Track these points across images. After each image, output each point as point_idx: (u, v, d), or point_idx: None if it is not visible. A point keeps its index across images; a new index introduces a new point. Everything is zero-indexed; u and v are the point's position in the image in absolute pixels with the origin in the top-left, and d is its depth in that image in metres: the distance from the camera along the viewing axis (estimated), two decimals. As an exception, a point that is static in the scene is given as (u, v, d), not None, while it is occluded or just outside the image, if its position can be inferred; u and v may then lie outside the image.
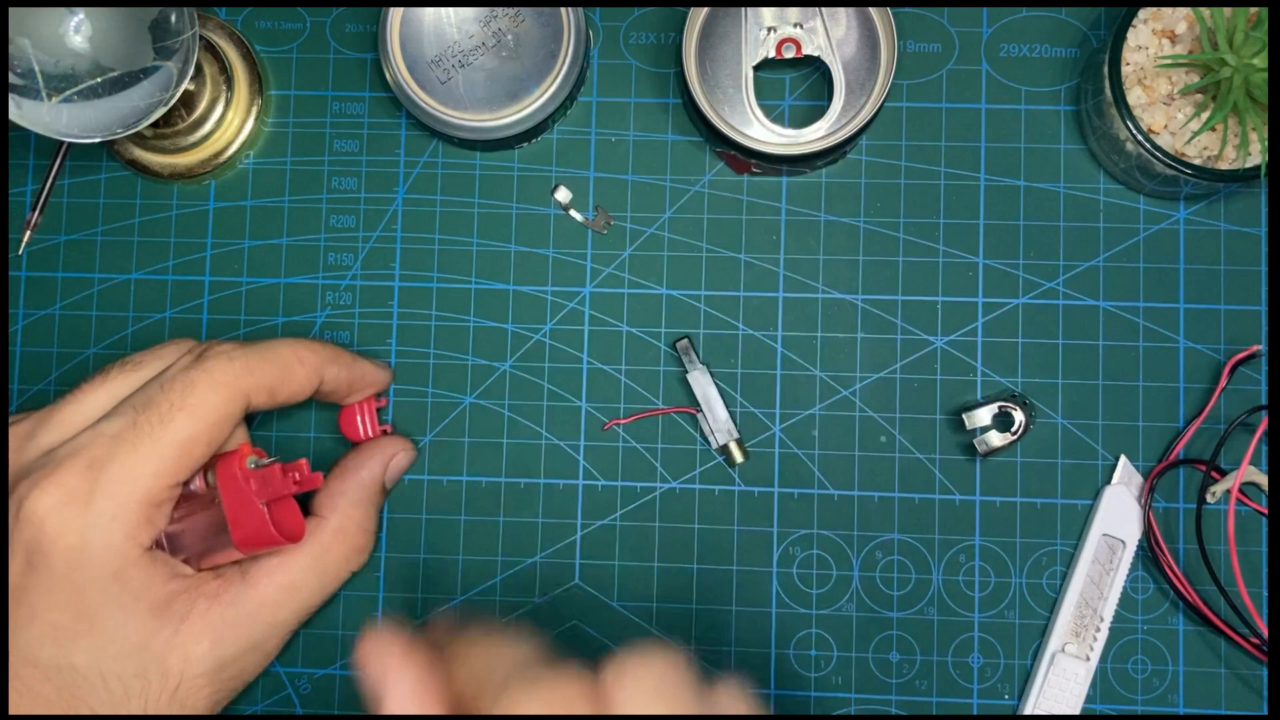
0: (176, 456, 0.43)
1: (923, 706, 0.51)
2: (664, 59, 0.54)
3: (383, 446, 0.51)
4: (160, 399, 0.43)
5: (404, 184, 0.54)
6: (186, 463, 0.43)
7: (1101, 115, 0.49)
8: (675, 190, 0.53)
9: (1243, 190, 0.52)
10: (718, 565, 0.52)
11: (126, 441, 0.42)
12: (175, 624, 0.43)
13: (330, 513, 0.48)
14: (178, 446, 0.43)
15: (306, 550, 0.47)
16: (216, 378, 0.44)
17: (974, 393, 0.52)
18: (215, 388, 0.44)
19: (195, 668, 0.44)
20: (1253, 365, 0.51)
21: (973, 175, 0.52)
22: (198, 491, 0.46)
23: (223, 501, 0.44)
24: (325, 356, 0.48)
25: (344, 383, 0.49)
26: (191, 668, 0.44)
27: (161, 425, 0.43)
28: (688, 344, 0.52)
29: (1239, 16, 0.46)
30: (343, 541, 0.48)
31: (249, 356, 0.45)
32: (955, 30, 0.53)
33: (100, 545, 0.42)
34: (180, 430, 0.43)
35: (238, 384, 0.44)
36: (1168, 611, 0.51)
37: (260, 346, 0.46)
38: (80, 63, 0.45)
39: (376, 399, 0.51)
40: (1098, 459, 0.51)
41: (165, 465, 0.43)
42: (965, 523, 0.52)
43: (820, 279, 0.53)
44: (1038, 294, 0.52)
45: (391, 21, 0.51)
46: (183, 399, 0.43)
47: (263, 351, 0.46)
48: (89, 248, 0.54)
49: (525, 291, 0.53)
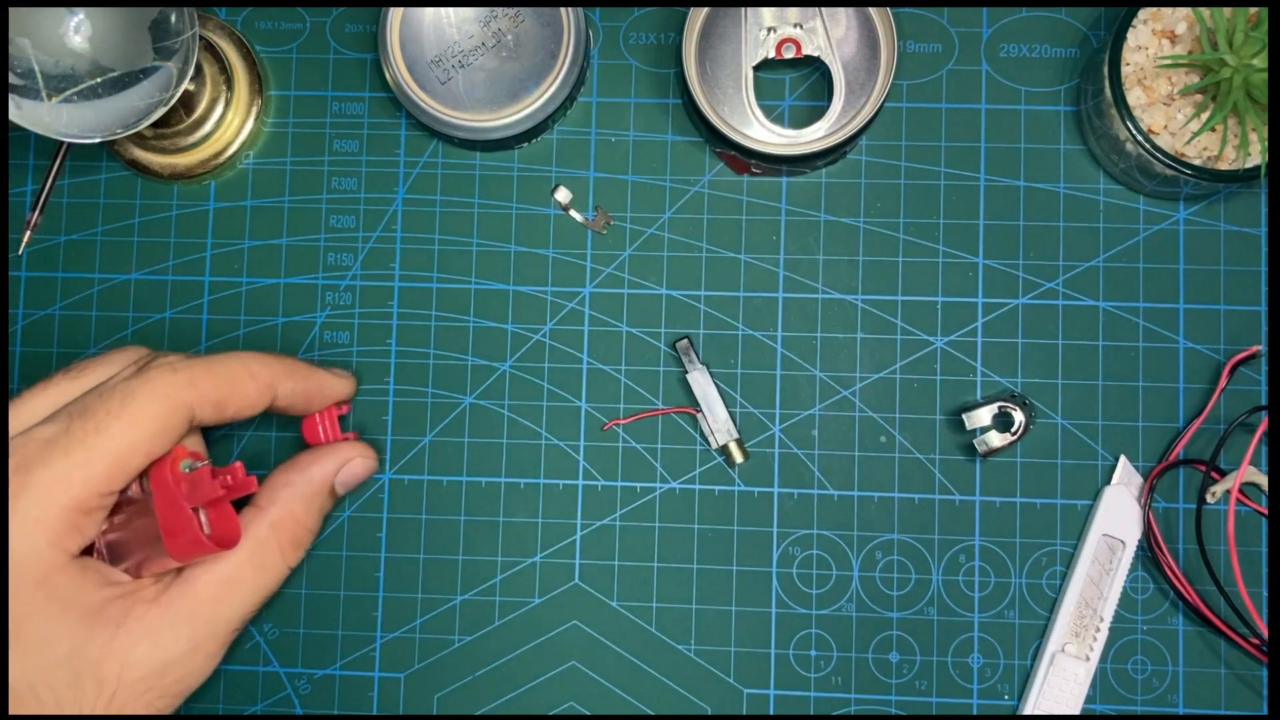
0: (109, 465, 0.42)
1: (922, 707, 0.51)
2: (664, 59, 0.54)
3: (340, 449, 0.49)
4: (97, 406, 0.42)
5: (404, 184, 0.54)
6: (119, 472, 0.42)
7: (1101, 115, 0.49)
8: (675, 190, 0.53)
9: (1242, 190, 0.52)
10: (717, 565, 0.52)
11: (58, 446, 0.41)
12: (111, 630, 0.42)
13: (270, 505, 0.47)
14: (111, 455, 0.42)
15: (243, 543, 0.46)
16: (157, 388, 0.43)
17: (974, 393, 0.52)
18: (155, 398, 0.43)
19: (133, 672, 0.43)
20: (1252, 365, 0.51)
21: (973, 175, 0.52)
22: (134, 498, 0.45)
23: (155, 507, 0.43)
24: (279, 371, 0.47)
25: (300, 397, 0.48)
26: (129, 672, 0.43)
27: (96, 433, 0.42)
28: (687, 344, 0.52)
29: (1239, 17, 0.46)
30: (279, 535, 0.47)
31: (194, 369, 0.44)
32: (955, 30, 0.53)
33: (22, 551, 0.41)
34: (115, 439, 0.42)
35: (179, 396, 0.43)
36: (1167, 611, 0.51)
37: (209, 359, 0.45)
38: (80, 63, 0.45)
39: (338, 406, 0.51)
40: (1097, 459, 0.51)
41: (96, 472, 0.42)
42: (965, 523, 0.52)
43: (820, 279, 0.53)
44: (1037, 294, 0.52)
45: (391, 22, 0.51)
46: (120, 407, 0.42)
47: (210, 364, 0.45)
48: (89, 248, 0.54)
49: (525, 292, 0.53)
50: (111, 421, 0.42)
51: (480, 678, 0.52)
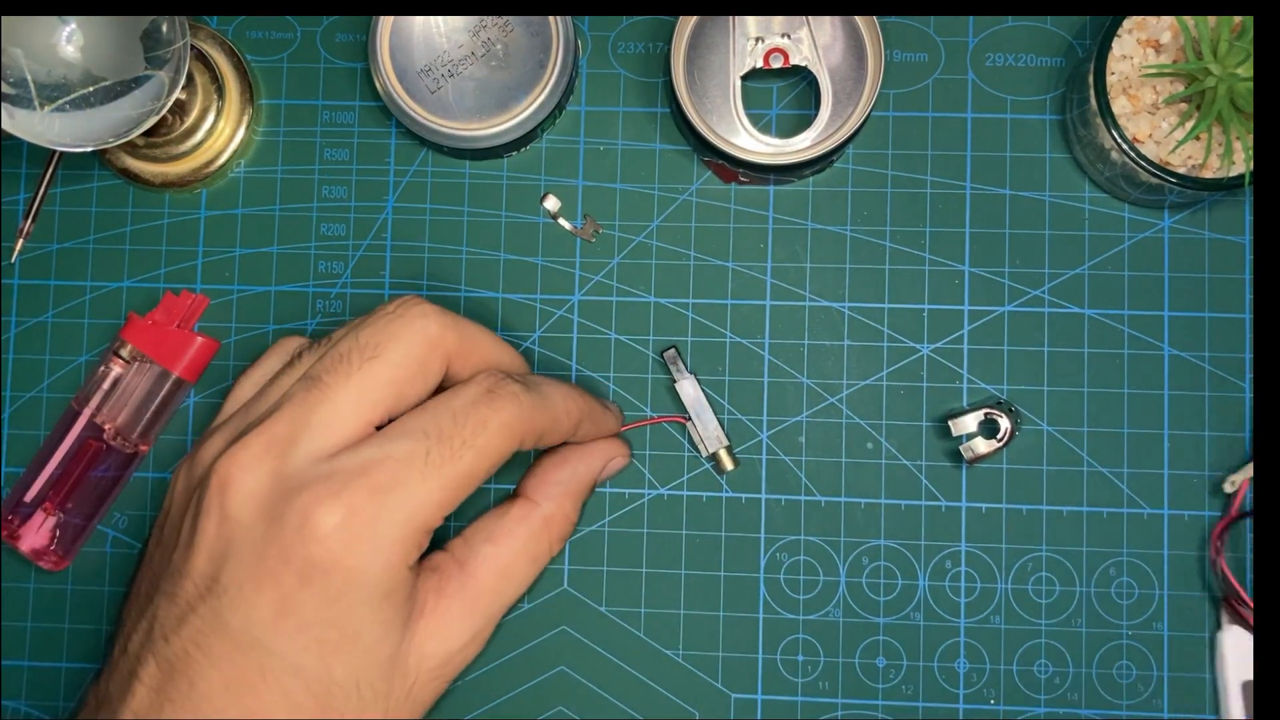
0: (455, 491, 0.43)
1: (909, 711, 0.51)
2: (652, 68, 0.54)
3: (605, 446, 0.50)
4: (454, 433, 0.43)
5: (394, 193, 0.54)
6: (461, 497, 0.43)
7: (1086, 124, 0.50)
8: (663, 199, 0.54)
9: (1227, 199, 0.52)
10: (705, 571, 0.52)
11: (417, 470, 0.42)
12: (412, 628, 0.44)
13: (544, 499, 0.48)
14: (459, 482, 0.43)
15: (520, 535, 0.47)
16: (507, 420, 0.44)
17: (960, 400, 0.52)
18: (503, 430, 0.43)
19: (428, 663, 0.44)
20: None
21: (959, 184, 0.53)
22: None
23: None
24: (586, 411, 0.48)
25: (590, 436, 0.49)
26: (425, 663, 0.44)
27: (451, 460, 0.42)
28: (675, 354, 0.52)
29: (1223, 26, 0.47)
30: (550, 529, 0.48)
31: (533, 402, 0.45)
32: (941, 40, 0.53)
33: (379, 569, 0.42)
34: (466, 466, 0.43)
35: (520, 428, 0.44)
36: (1152, 617, 0.51)
37: (540, 393, 0.46)
38: (72, 72, 0.45)
39: None
40: (1083, 465, 0.52)
41: (446, 498, 0.43)
42: (951, 529, 0.52)
43: (807, 287, 0.53)
44: (1023, 302, 0.52)
45: (381, 31, 0.51)
46: (474, 436, 0.43)
47: (544, 399, 0.45)
48: (81, 256, 0.55)
49: (514, 299, 0.54)
50: (465, 450, 0.43)
51: (469, 683, 0.52)
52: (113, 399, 0.53)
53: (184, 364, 0.53)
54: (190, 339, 0.53)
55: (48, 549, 0.53)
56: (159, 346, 0.53)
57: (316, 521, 0.41)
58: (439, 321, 0.45)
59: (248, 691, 0.41)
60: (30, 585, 0.54)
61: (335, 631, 0.42)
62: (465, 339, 0.46)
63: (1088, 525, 0.52)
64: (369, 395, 0.43)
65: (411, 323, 0.44)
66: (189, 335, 0.53)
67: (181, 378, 0.53)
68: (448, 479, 0.42)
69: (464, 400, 0.44)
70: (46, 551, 0.53)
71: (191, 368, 0.53)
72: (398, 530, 0.42)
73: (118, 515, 0.54)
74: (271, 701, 0.41)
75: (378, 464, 0.42)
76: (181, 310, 0.53)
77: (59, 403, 0.54)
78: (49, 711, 0.53)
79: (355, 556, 0.41)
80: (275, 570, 0.41)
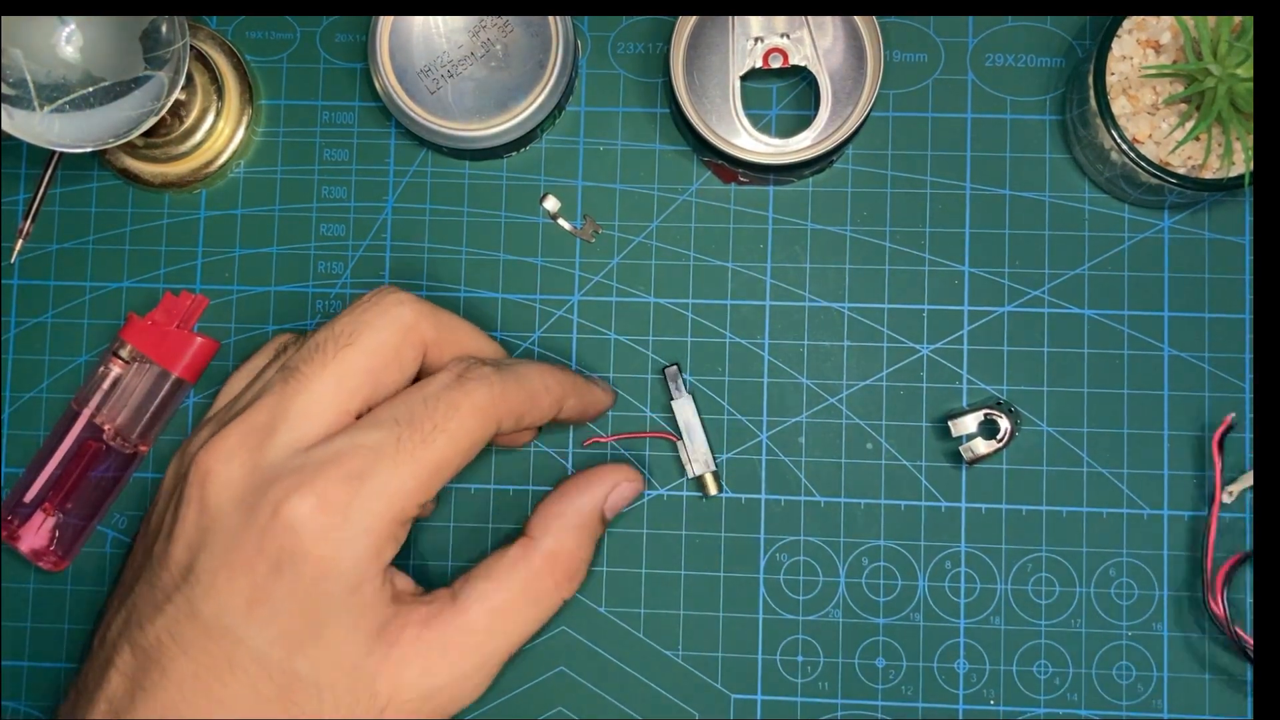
0: (429, 477, 0.42)
1: (909, 712, 0.51)
2: (652, 69, 0.54)
3: (606, 473, 0.49)
4: (424, 417, 0.42)
5: (393, 193, 0.54)
6: (435, 484, 0.42)
7: (1086, 125, 0.49)
8: (663, 199, 0.54)
9: (1227, 199, 0.52)
10: (705, 571, 0.52)
11: (388, 457, 0.42)
12: (386, 648, 0.43)
13: (543, 535, 0.46)
14: (433, 467, 0.42)
15: (519, 573, 0.46)
16: (478, 403, 0.43)
17: (960, 400, 0.52)
18: (475, 414, 0.43)
19: (404, 694, 0.43)
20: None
21: (958, 184, 0.53)
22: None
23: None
24: (568, 387, 0.47)
25: (576, 412, 0.48)
26: (400, 693, 0.43)
27: (423, 445, 0.42)
28: (675, 371, 0.52)
29: (1223, 26, 0.47)
30: (554, 567, 0.46)
31: (505, 382, 0.44)
32: (941, 40, 0.53)
33: (350, 559, 0.41)
34: (438, 452, 0.42)
35: (494, 410, 0.44)
36: (1152, 617, 0.51)
37: (515, 373, 0.45)
38: (72, 73, 0.45)
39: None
40: (1082, 466, 0.52)
41: (419, 485, 0.42)
42: (951, 529, 0.52)
43: (807, 287, 0.53)
44: (1023, 302, 0.52)
45: (381, 31, 0.51)
46: (445, 420, 0.42)
47: (518, 378, 0.45)
48: (80, 256, 0.55)
49: (514, 300, 0.54)
50: (437, 435, 0.42)
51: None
52: (112, 399, 0.53)
53: (183, 364, 0.53)
54: (190, 339, 0.53)
55: (47, 549, 0.53)
56: (159, 347, 0.53)
57: (289, 511, 0.41)
58: (414, 309, 0.45)
59: (216, 680, 0.41)
60: (30, 585, 0.54)
61: (302, 622, 0.41)
62: (442, 328, 0.45)
63: (1087, 526, 0.52)
64: (345, 383, 0.43)
65: (386, 310, 0.44)
66: (189, 335, 0.53)
67: (181, 378, 0.53)
68: (420, 465, 0.42)
69: (435, 386, 0.44)
70: (46, 552, 0.53)
71: (191, 368, 0.53)
72: (370, 519, 0.41)
73: (117, 516, 0.54)
74: (238, 692, 0.41)
75: (349, 453, 0.42)
76: (181, 310, 0.53)
77: (59, 403, 0.54)
78: (49, 712, 0.53)
79: (326, 545, 0.41)
80: (249, 559, 0.41)
